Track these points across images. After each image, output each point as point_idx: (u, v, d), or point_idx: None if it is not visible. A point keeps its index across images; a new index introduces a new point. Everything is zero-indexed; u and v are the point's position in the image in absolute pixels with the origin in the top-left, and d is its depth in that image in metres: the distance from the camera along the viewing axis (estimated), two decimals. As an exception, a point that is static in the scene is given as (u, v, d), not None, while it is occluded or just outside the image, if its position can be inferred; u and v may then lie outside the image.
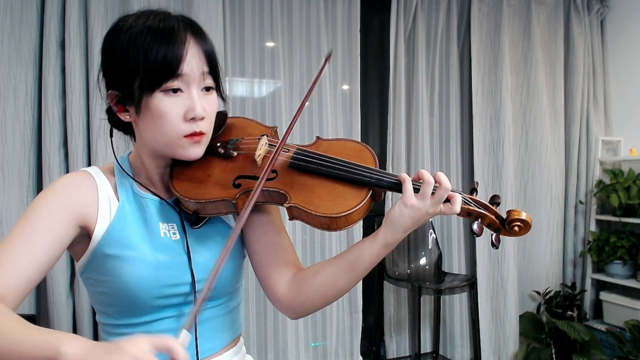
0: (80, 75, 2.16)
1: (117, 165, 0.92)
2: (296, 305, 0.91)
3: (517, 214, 0.84)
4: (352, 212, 0.82)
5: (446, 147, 3.03)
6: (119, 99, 0.84)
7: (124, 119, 0.86)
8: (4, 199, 2.08)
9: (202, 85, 0.83)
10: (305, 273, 0.91)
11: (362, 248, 0.86)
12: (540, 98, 3.13)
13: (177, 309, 0.86)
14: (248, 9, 2.56)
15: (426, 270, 2.88)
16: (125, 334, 0.82)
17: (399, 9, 2.83)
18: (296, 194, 0.84)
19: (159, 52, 0.78)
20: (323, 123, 2.67)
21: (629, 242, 2.94)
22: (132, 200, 0.88)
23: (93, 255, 0.84)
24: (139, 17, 0.81)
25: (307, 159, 0.88)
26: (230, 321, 0.95)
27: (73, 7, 2.13)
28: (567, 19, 3.25)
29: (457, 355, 3.02)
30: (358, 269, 0.86)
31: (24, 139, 2.13)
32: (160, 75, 0.78)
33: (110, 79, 0.84)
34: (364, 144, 0.93)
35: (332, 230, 0.84)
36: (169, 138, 0.82)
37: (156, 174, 0.91)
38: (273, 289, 0.92)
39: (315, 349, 2.73)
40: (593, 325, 3.02)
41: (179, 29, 0.80)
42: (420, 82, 2.89)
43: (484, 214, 0.85)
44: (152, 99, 0.80)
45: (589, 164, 3.28)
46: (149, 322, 0.85)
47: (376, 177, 0.84)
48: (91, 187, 0.85)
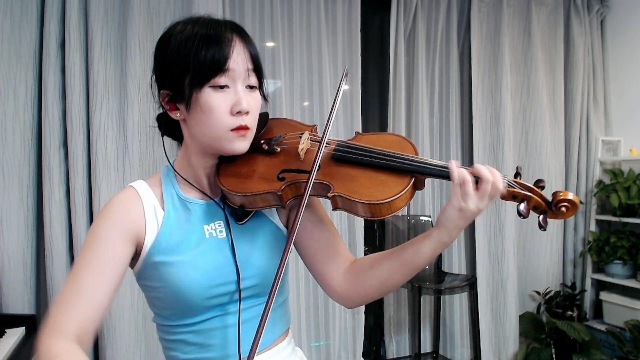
0: (80, 75, 2.16)
1: (164, 173, 0.96)
2: (353, 297, 0.96)
3: (564, 195, 0.84)
4: (395, 198, 0.83)
5: (446, 147, 3.03)
6: (170, 98, 0.89)
7: (175, 117, 0.91)
8: (4, 199, 2.08)
9: (247, 83, 0.88)
10: (360, 266, 0.94)
11: (419, 247, 0.88)
12: (540, 98, 3.13)
13: (223, 307, 0.90)
14: (248, 9, 2.56)
15: (426, 270, 2.88)
16: (181, 332, 0.90)
17: (399, 9, 2.83)
18: (339, 184, 0.86)
19: (208, 51, 0.84)
20: (324, 123, 2.66)
21: (629, 242, 2.94)
22: (178, 206, 0.92)
23: (145, 264, 0.89)
24: (187, 23, 0.88)
25: (348, 149, 0.91)
26: (277, 316, 0.97)
27: (73, 7, 2.13)
28: (567, 19, 3.25)
29: (457, 355, 3.02)
30: (414, 266, 0.89)
31: (24, 139, 2.13)
32: (209, 71, 0.84)
33: (163, 80, 0.90)
34: (404, 136, 0.95)
35: (375, 218, 0.85)
36: (217, 131, 0.87)
37: (203, 174, 0.95)
38: (329, 282, 0.96)
39: (317, 349, 2.73)
40: (593, 325, 3.02)
41: (226, 31, 0.87)
42: (420, 82, 2.89)
43: (529, 196, 0.86)
44: (202, 94, 0.85)
45: (589, 164, 3.29)
46: (199, 322, 0.89)
47: (417, 165, 0.86)
48: (136, 202, 0.90)
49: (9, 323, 1.81)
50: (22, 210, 2.12)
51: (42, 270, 2.16)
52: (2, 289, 2.06)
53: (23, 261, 2.11)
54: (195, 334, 0.90)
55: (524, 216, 0.84)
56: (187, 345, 0.91)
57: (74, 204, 2.14)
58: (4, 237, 2.08)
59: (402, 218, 2.90)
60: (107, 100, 2.19)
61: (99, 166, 2.17)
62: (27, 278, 2.11)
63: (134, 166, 2.23)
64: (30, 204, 2.15)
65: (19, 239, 2.11)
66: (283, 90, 2.60)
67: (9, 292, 2.07)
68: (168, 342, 0.93)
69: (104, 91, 2.19)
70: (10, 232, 2.09)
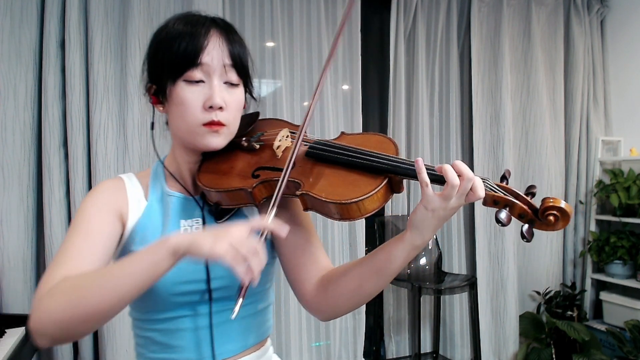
0: (80, 75, 2.16)
1: (154, 167, 0.97)
2: (324, 308, 0.91)
3: (554, 202, 0.73)
4: (364, 198, 0.77)
5: (446, 147, 3.03)
6: (155, 92, 0.91)
7: (158, 110, 0.92)
8: (4, 199, 2.08)
9: (225, 79, 0.87)
10: (332, 275, 0.89)
11: (390, 251, 0.82)
12: (540, 98, 3.13)
13: (193, 307, 0.87)
14: (248, 9, 2.56)
15: (426, 270, 2.88)
16: (149, 329, 0.89)
17: (399, 9, 2.83)
18: (310, 182, 0.83)
19: (181, 44, 0.83)
20: (324, 123, 2.67)
21: (629, 242, 2.94)
22: (160, 199, 0.92)
23: (121, 252, 0.89)
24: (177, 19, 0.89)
25: (323, 147, 0.88)
26: (256, 323, 0.94)
27: (73, 7, 2.13)
28: (567, 19, 3.25)
29: (457, 355, 3.02)
30: (386, 272, 0.83)
31: (24, 139, 2.13)
32: (182, 65, 0.83)
33: (148, 73, 0.92)
34: (388, 136, 0.91)
35: (345, 219, 0.80)
36: (189, 126, 0.86)
37: (187, 169, 0.94)
38: (301, 290, 0.92)
39: (318, 349, 2.73)
40: (593, 325, 3.02)
41: (204, 25, 0.86)
42: (420, 82, 2.89)
43: (512, 202, 0.76)
44: (175, 88, 0.85)
45: (589, 164, 3.29)
46: (168, 319, 0.87)
47: (391, 164, 0.80)
48: (122, 189, 0.90)
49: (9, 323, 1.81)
50: (22, 210, 2.12)
51: (42, 270, 2.16)
52: (2, 289, 2.06)
53: (23, 261, 2.11)
54: (161, 333, 0.88)
55: (503, 224, 0.74)
56: (154, 343, 0.89)
57: (74, 204, 2.14)
58: (4, 237, 2.08)
59: (402, 218, 2.90)
60: (107, 100, 2.19)
61: (99, 166, 2.16)
62: (27, 278, 2.11)
63: (134, 166, 2.23)
64: (30, 204, 2.15)
65: (19, 239, 2.11)
66: (283, 90, 2.60)
67: (9, 292, 2.07)
68: (139, 338, 0.93)
69: (104, 91, 2.19)
70: (10, 232, 2.09)
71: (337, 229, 2.71)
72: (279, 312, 2.57)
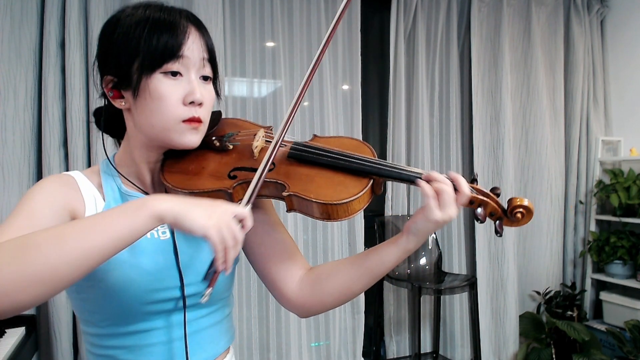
0: (80, 75, 2.16)
1: (103, 165, 0.88)
2: (308, 306, 0.91)
3: (520, 201, 0.83)
4: (352, 199, 0.80)
5: (446, 147, 3.03)
6: (115, 84, 0.82)
7: (119, 105, 0.83)
8: (4, 199, 2.08)
9: (201, 73, 0.82)
10: (318, 274, 0.90)
11: (383, 254, 0.85)
12: (540, 98, 3.13)
13: (166, 317, 0.81)
14: (248, 9, 2.56)
15: (426, 270, 2.88)
16: (111, 346, 0.79)
17: (399, 9, 2.83)
18: (295, 183, 0.83)
19: (161, 36, 0.77)
20: (324, 123, 2.67)
21: (629, 242, 2.94)
22: (119, 199, 0.84)
23: None
24: (138, 8, 0.81)
25: (306, 149, 0.87)
26: (223, 330, 0.90)
27: (73, 7, 2.13)
28: (567, 19, 3.25)
29: (457, 355, 3.02)
30: (376, 273, 0.86)
31: (24, 139, 2.13)
32: (162, 56, 0.77)
33: (107, 65, 0.82)
34: (363, 140, 0.93)
35: (332, 220, 0.82)
36: (167, 122, 0.79)
37: (146, 169, 0.87)
38: (282, 289, 0.91)
39: (317, 349, 2.73)
40: (593, 325, 3.02)
41: (181, 18, 0.80)
42: (420, 82, 2.89)
43: (486, 202, 0.85)
44: (151, 80, 0.78)
45: (589, 164, 3.29)
46: (137, 332, 0.79)
47: (376, 166, 0.83)
48: (74, 186, 0.81)
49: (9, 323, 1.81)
50: (22, 210, 2.12)
51: (42, 270, 2.16)
52: (2, 289, 2.06)
53: (23, 261, 2.11)
54: (129, 350, 0.79)
55: (481, 220, 0.84)
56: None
57: (74, 204, 2.14)
58: (4, 237, 2.07)
59: (402, 218, 2.90)
60: (107, 100, 2.19)
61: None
62: (27, 278, 2.11)
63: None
64: (30, 204, 2.15)
65: (19, 239, 2.11)
66: (283, 90, 2.60)
67: (9, 292, 2.07)
68: (95, 357, 0.82)
69: (104, 91, 2.19)
70: (10, 232, 2.09)
71: (336, 229, 2.71)
72: (279, 312, 2.57)
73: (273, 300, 2.57)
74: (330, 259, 2.67)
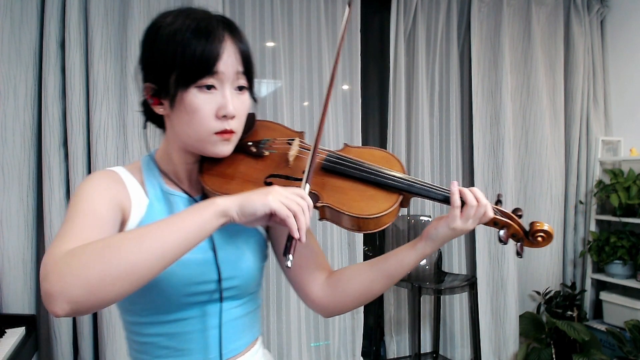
0: (80, 75, 2.16)
1: (144, 162, 0.92)
2: (331, 307, 0.97)
3: (540, 225, 0.89)
4: (383, 214, 0.84)
5: (446, 147, 3.03)
6: (155, 92, 0.86)
7: (158, 112, 0.87)
8: (4, 199, 2.08)
9: (236, 85, 0.85)
10: (340, 277, 0.95)
11: (401, 258, 0.91)
12: (540, 98, 3.13)
13: (201, 307, 0.86)
14: (248, 9, 2.56)
15: (426, 270, 2.88)
16: (151, 334, 0.85)
17: (399, 9, 2.83)
18: (328, 194, 0.87)
19: (196, 49, 0.79)
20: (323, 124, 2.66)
21: (629, 242, 2.94)
22: (161, 197, 0.89)
23: None
24: (179, 15, 0.83)
25: (339, 161, 0.91)
26: (254, 320, 0.96)
27: (73, 7, 2.13)
28: (567, 19, 3.25)
29: (457, 355, 3.02)
30: (395, 276, 0.91)
31: (24, 139, 2.13)
32: (196, 72, 0.80)
33: (148, 72, 0.86)
34: (391, 152, 0.98)
35: (361, 231, 0.87)
36: (200, 134, 0.84)
37: (184, 170, 0.91)
38: (307, 291, 0.97)
39: (317, 349, 2.73)
40: (593, 325, 3.02)
41: (218, 27, 0.82)
42: (420, 82, 2.89)
43: (509, 224, 0.90)
44: (187, 94, 0.81)
45: (589, 164, 3.29)
46: (174, 320, 0.85)
47: (408, 183, 0.88)
48: (121, 182, 0.85)
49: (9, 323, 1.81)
50: (22, 210, 2.12)
51: (42, 270, 2.16)
52: (2, 289, 2.06)
53: (23, 261, 2.11)
54: (168, 337, 0.85)
55: (504, 242, 0.90)
56: (159, 348, 0.85)
57: (74, 204, 2.14)
58: (4, 237, 2.08)
59: (402, 218, 2.90)
60: (107, 100, 2.19)
61: (99, 166, 2.17)
62: (27, 278, 2.12)
63: (134, 166, 2.23)
64: (30, 204, 2.15)
65: (19, 239, 2.11)
66: (283, 90, 2.60)
67: (9, 292, 2.07)
68: (137, 345, 0.87)
69: (104, 91, 2.19)
70: (10, 232, 2.09)
71: (336, 230, 2.71)
72: (279, 313, 2.57)
73: (273, 300, 2.58)
74: (330, 260, 2.67)
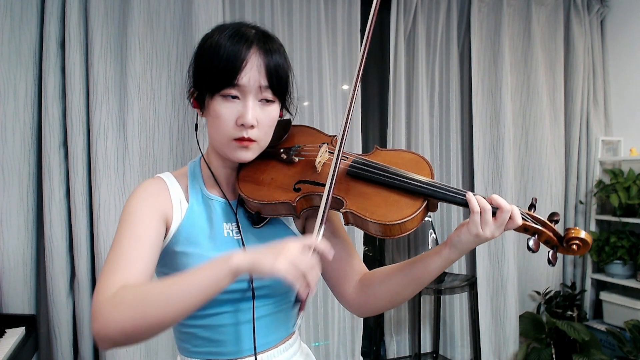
0: (80, 75, 2.16)
1: (190, 168, 1.01)
2: (364, 308, 1.01)
3: (576, 233, 0.84)
4: (406, 220, 0.84)
5: (446, 147, 3.03)
6: (197, 97, 0.95)
7: (199, 114, 0.98)
8: (4, 199, 2.08)
9: (260, 97, 0.91)
10: (372, 279, 0.99)
11: (428, 264, 0.92)
12: (540, 98, 3.13)
13: (234, 304, 0.93)
14: (248, 9, 2.56)
15: (426, 270, 2.87)
16: (192, 325, 0.94)
17: (399, 9, 2.83)
18: (352, 200, 0.88)
19: (221, 61, 0.88)
20: (324, 123, 2.67)
21: (629, 242, 2.94)
22: (201, 201, 0.96)
23: (165, 252, 0.92)
24: (216, 31, 0.92)
25: (364, 167, 0.93)
26: (285, 318, 1.00)
27: (73, 7, 2.13)
28: (567, 19, 3.25)
29: (457, 355, 3.02)
30: (422, 281, 0.94)
31: (24, 139, 2.13)
32: (220, 83, 0.88)
33: (192, 78, 0.96)
34: (421, 155, 0.97)
35: (387, 237, 0.87)
36: (221, 139, 0.92)
37: (222, 174, 0.99)
38: (342, 293, 1.02)
39: (317, 349, 2.73)
40: (593, 325, 3.02)
41: (246, 43, 0.89)
42: (420, 82, 2.89)
43: (541, 231, 0.86)
44: (213, 101, 0.90)
45: (589, 164, 3.29)
46: (210, 315, 0.92)
47: (431, 189, 0.87)
48: (165, 190, 0.95)
49: (9, 323, 1.81)
50: (22, 210, 2.12)
51: (42, 270, 2.16)
52: (2, 289, 2.06)
53: (23, 261, 2.11)
54: (205, 329, 0.93)
55: (533, 251, 0.84)
56: (197, 338, 0.94)
57: (74, 204, 2.14)
58: (4, 237, 2.08)
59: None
60: (107, 100, 2.19)
61: (99, 166, 2.17)
62: (27, 278, 2.12)
63: (134, 166, 2.23)
64: (30, 204, 2.15)
65: (19, 239, 2.11)
66: (283, 90, 2.60)
67: (9, 292, 2.07)
68: (180, 334, 0.97)
69: (104, 91, 2.19)
70: (10, 232, 2.09)
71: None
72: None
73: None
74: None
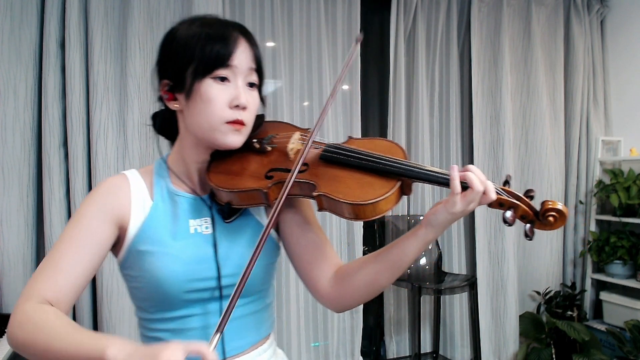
0: (80, 75, 2.16)
1: (156, 165, 0.98)
2: (339, 301, 0.97)
3: (553, 204, 0.82)
4: (379, 200, 0.83)
5: (446, 147, 3.03)
6: (170, 88, 0.92)
7: (172, 107, 0.93)
8: (4, 199, 2.08)
9: (248, 80, 0.92)
10: (346, 270, 0.95)
11: (404, 246, 0.89)
12: (540, 98, 3.13)
13: (204, 305, 0.90)
14: (248, 9, 2.56)
15: (426, 270, 2.88)
16: (158, 329, 0.91)
17: (399, 9, 2.83)
18: (325, 184, 0.87)
19: (214, 45, 0.87)
20: (324, 123, 2.67)
21: (629, 242, 2.94)
22: (167, 198, 0.94)
23: (128, 252, 0.90)
24: (195, 21, 0.92)
25: (337, 151, 0.92)
26: (258, 320, 0.97)
27: (73, 7, 2.13)
28: (567, 19, 3.25)
29: (457, 355, 3.02)
30: (400, 266, 0.90)
31: (24, 139, 2.13)
32: (213, 63, 0.87)
33: (165, 70, 0.93)
34: (396, 142, 0.95)
35: (360, 219, 0.85)
36: (213, 122, 0.89)
37: (195, 169, 0.96)
38: (316, 285, 0.97)
39: (316, 349, 2.73)
40: (593, 325, 3.02)
41: (233, 30, 0.91)
42: (420, 82, 2.89)
43: (516, 204, 0.85)
44: (202, 84, 0.88)
45: (589, 164, 3.29)
46: (179, 317, 0.89)
47: (404, 168, 0.85)
48: (125, 189, 0.92)
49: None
50: (22, 210, 2.12)
51: (42, 270, 2.16)
52: (2, 289, 2.07)
53: (23, 261, 2.11)
54: (172, 333, 0.90)
55: (510, 224, 0.84)
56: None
57: (74, 204, 2.15)
58: (4, 237, 2.08)
59: (401, 218, 2.90)
60: (107, 100, 2.20)
61: (99, 166, 2.17)
62: (27, 278, 2.10)
63: (134, 166, 2.22)
64: (30, 204, 2.15)
65: (19, 239, 2.11)
66: (283, 90, 2.60)
67: (9, 292, 2.07)
68: (147, 339, 0.94)
69: (104, 91, 2.19)
70: (10, 232, 2.09)
71: (335, 228, 2.72)
72: (279, 313, 2.57)
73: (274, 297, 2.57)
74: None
